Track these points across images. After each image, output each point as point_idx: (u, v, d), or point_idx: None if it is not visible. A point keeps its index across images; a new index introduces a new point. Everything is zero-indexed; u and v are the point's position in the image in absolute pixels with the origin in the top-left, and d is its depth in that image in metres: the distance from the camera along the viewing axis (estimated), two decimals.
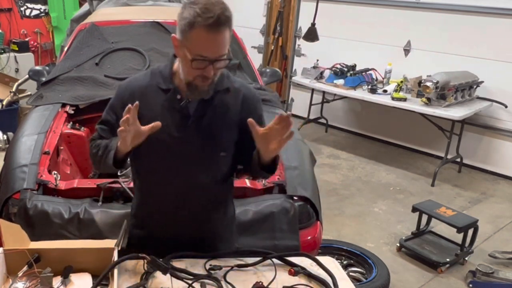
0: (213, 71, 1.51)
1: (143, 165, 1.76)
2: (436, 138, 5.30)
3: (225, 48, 1.50)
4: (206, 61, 1.48)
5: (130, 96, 1.64)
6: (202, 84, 1.55)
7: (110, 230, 2.18)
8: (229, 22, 1.48)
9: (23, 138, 2.73)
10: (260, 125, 1.66)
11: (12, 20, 6.76)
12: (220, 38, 1.47)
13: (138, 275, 1.61)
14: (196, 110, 1.64)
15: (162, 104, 1.64)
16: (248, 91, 1.73)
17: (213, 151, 1.68)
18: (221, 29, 1.46)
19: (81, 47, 3.69)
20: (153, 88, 1.65)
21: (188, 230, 1.76)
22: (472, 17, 5.05)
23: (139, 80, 1.70)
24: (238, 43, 4.12)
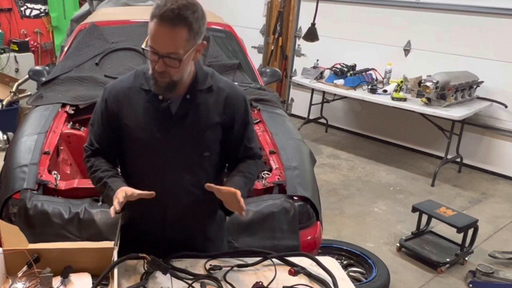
0: (164, 67, 1.50)
1: (129, 166, 1.77)
2: (436, 138, 5.30)
3: (174, 46, 1.48)
4: (155, 54, 1.49)
5: (114, 98, 1.67)
6: (160, 80, 1.55)
7: (110, 230, 2.18)
8: (183, 21, 1.46)
9: (23, 138, 2.73)
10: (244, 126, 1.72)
11: (12, 20, 6.76)
12: (168, 34, 1.46)
13: (138, 275, 1.61)
14: (178, 110, 1.64)
15: (144, 105, 1.64)
16: (232, 90, 1.71)
17: (196, 151, 1.68)
18: (170, 25, 1.45)
19: (81, 47, 3.69)
20: (136, 89, 1.66)
21: (177, 229, 1.75)
22: (472, 17, 5.05)
23: (123, 81, 1.71)
24: (238, 43, 4.12)
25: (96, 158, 1.74)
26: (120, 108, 1.66)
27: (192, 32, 1.49)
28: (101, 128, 1.71)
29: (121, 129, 1.68)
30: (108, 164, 1.72)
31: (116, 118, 1.67)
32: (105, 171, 1.69)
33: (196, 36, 1.52)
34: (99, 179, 1.68)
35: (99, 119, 1.71)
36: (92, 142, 1.74)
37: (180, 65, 1.51)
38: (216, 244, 1.85)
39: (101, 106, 1.70)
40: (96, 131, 1.73)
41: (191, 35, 1.49)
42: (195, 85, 1.64)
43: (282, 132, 3.00)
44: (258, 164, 1.82)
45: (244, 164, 1.76)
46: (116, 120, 1.67)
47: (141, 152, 1.69)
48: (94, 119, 1.74)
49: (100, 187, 1.69)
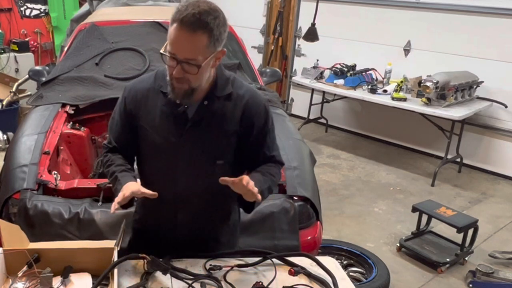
0: (182, 73, 1.48)
1: (143, 166, 1.77)
2: (436, 138, 5.30)
3: (194, 52, 1.45)
4: (173, 60, 1.47)
5: (132, 98, 1.67)
6: (177, 86, 1.52)
7: (110, 230, 2.18)
8: (204, 27, 1.43)
9: (23, 138, 2.73)
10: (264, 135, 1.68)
11: (12, 20, 6.75)
12: (188, 38, 1.43)
13: (138, 275, 1.61)
14: (194, 115, 1.61)
15: (161, 107, 1.63)
16: (252, 98, 1.66)
17: (209, 158, 1.65)
18: (190, 30, 1.42)
19: (81, 47, 3.68)
20: (155, 91, 1.65)
21: (188, 234, 1.75)
22: (472, 17, 5.05)
23: (143, 81, 1.71)
24: (238, 43, 4.12)
25: (113, 154, 1.74)
26: (137, 109, 1.66)
27: (213, 39, 1.46)
28: (119, 127, 1.72)
29: (137, 130, 1.68)
30: (123, 160, 1.73)
31: (133, 118, 1.67)
32: (118, 166, 1.69)
33: (216, 43, 1.47)
34: (112, 173, 1.68)
35: (118, 118, 1.72)
36: (110, 140, 1.75)
37: (198, 71, 1.47)
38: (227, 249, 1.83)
39: (120, 105, 1.71)
40: (115, 129, 1.73)
41: (211, 41, 1.46)
42: (213, 91, 1.61)
43: (282, 132, 3.00)
44: (279, 168, 1.77)
45: (264, 166, 1.72)
46: (133, 120, 1.68)
47: (154, 155, 1.68)
48: (114, 117, 1.74)
49: (111, 181, 1.69)
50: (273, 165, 1.74)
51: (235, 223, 1.89)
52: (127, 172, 1.67)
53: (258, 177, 1.63)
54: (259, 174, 1.66)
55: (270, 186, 1.68)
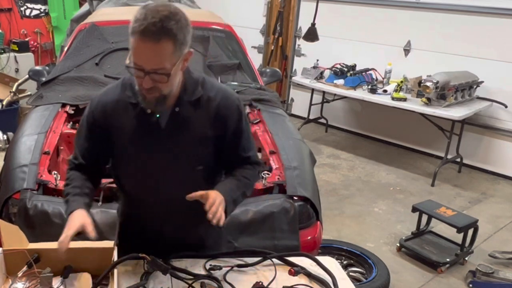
0: (151, 83, 1.42)
1: (122, 180, 1.73)
2: (436, 138, 5.30)
3: (161, 61, 1.39)
4: (140, 71, 1.41)
5: (101, 112, 1.60)
6: (148, 96, 1.47)
7: (110, 230, 2.18)
8: (167, 34, 1.36)
9: (23, 138, 2.73)
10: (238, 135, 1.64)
11: (12, 20, 6.76)
12: (153, 49, 1.37)
13: (138, 275, 1.61)
14: (167, 124, 1.56)
15: (133, 119, 1.57)
16: (224, 99, 1.60)
17: (188, 165, 1.62)
18: (154, 39, 1.35)
19: (81, 47, 3.69)
20: (124, 103, 1.58)
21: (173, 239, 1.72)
22: (472, 17, 5.05)
23: (110, 93, 1.63)
24: (238, 43, 4.12)
25: (76, 172, 1.67)
26: (108, 122, 1.59)
27: (178, 43, 1.39)
28: (87, 142, 1.65)
29: (109, 144, 1.62)
30: (82, 181, 1.65)
31: (105, 132, 1.60)
32: (74, 187, 1.62)
33: (182, 46, 1.41)
34: (66, 194, 1.62)
35: (86, 133, 1.64)
36: (76, 156, 1.67)
37: (168, 79, 1.42)
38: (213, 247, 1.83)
39: (88, 119, 1.63)
40: (83, 145, 1.66)
41: (176, 46, 1.39)
42: (183, 96, 1.55)
43: (282, 132, 3.00)
44: (255, 169, 1.73)
45: (240, 169, 1.69)
46: (104, 135, 1.61)
47: (132, 167, 1.64)
48: (80, 132, 1.67)
49: (65, 202, 1.63)
50: (249, 167, 1.71)
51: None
52: (80, 196, 1.60)
53: (231, 185, 1.63)
54: (234, 180, 1.65)
55: (245, 191, 1.67)
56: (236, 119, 1.62)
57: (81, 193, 1.61)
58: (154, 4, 1.40)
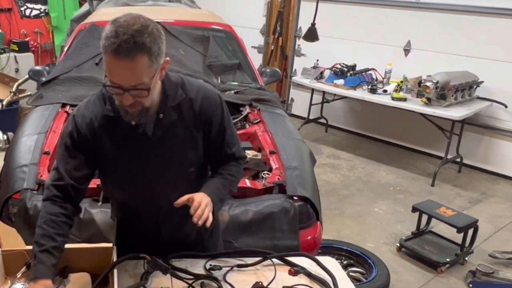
0: (132, 100, 1.39)
1: (115, 193, 1.72)
2: (436, 138, 5.30)
3: (139, 77, 1.35)
4: (119, 89, 1.38)
5: (88, 127, 1.54)
6: (130, 110, 1.44)
7: (110, 230, 2.18)
8: (141, 48, 1.32)
9: (23, 138, 2.73)
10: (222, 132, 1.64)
11: (12, 20, 6.76)
12: (129, 66, 1.33)
13: (138, 275, 1.61)
14: (154, 132, 1.54)
15: (119, 132, 1.54)
16: (206, 99, 1.58)
17: (180, 169, 1.61)
18: (129, 57, 1.31)
19: (81, 47, 3.69)
20: (108, 117, 1.53)
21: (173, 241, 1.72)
22: (472, 17, 5.05)
23: (92, 107, 1.56)
24: (238, 43, 4.12)
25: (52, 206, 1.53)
26: (95, 138, 1.54)
27: (153, 56, 1.36)
28: (74, 159, 1.55)
29: (97, 159, 1.58)
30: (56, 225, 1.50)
31: (91, 147, 1.55)
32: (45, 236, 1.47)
33: (158, 57, 1.38)
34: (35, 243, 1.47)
35: (71, 150, 1.55)
36: (61, 177, 1.54)
37: (148, 93, 1.40)
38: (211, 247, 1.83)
39: (73, 136, 1.54)
40: (68, 163, 1.55)
41: (152, 59, 1.36)
42: (166, 102, 1.52)
43: (282, 132, 3.00)
44: (240, 165, 1.75)
45: (225, 166, 1.70)
46: (91, 150, 1.56)
47: (124, 179, 1.62)
48: (63, 151, 1.56)
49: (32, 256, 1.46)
50: (234, 163, 1.72)
51: (216, 225, 1.85)
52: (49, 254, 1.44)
53: (217, 184, 1.64)
54: (220, 179, 1.67)
55: (231, 189, 1.70)
56: (219, 116, 1.62)
57: (51, 248, 1.45)
58: (123, 18, 1.36)
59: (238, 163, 1.74)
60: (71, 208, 1.57)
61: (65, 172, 1.54)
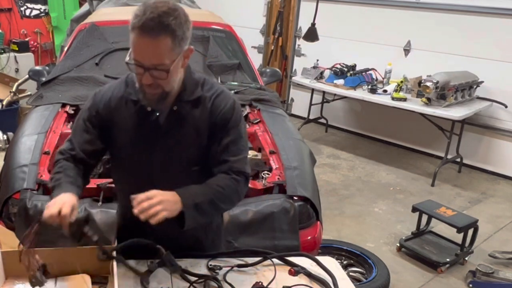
0: (151, 80, 1.42)
1: (119, 176, 1.73)
2: (436, 138, 5.30)
3: (160, 57, 1.39)
4: (140, 67, 1.42)
5: (105, 105, 1.60)
6: (149, 92, 1.47)
7: (110, 230, 2.18)
8: (165, 30, 1.36)
9: (23, 138, 2.73)
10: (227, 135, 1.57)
11: (12, 20, 6.76)
12: (152, 45, 1.38)
13: (138, 275, 1.61)
14: (164, 122, 1.56)
15: (133, 115, 1.58)
16: (219, 100, 1.58)
17: (183, 165, 1.60)
18: (152, 35, 1.36)
19: (81, 47, 3.69)
20: (126, 99, 1.59)
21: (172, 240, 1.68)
22: (472, 17, 5.05)
23: (115, 89, 1.63)
24: (238, 43, 4.12)
25: (69, 163, 1.60)
26: (111, 117, 1.60)
27: (177, 39, 1.39)
28: (87, 133, 1.61)
29: (107, 138, 1.61)
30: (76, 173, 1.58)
31: (105, 126, 1.60)
32: (68, 176, 1.55)
33: (181, 42, 1.41)
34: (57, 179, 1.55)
35: (87, 124, 1.61)
36: (73, 148, 1.61)
37: (168, 76, 1.42)
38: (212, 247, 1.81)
39: (91, 111, 1.61)
40: (82, 137, 1.62)
41: (175, 42, 1.40)
42: (182, 96, 1.55)
43: (282, 132, 3.00)
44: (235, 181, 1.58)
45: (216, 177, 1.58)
46: (104, 128, 1.60)
47: (128, 164, 1.63)
48: (79, 124, 1.64)
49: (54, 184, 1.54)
50: (228, 177, 1.58)
51: (219, 225, 1.84)
52: (72, 185, 1.52)
53: (196, 190, 1.52)
54: (202, 186, 1.55)
55: (213, 199, 1.53)
56: (228, 120, 1.58)
57: (74, 183, 1.54)
58: (153, 1, 1.41)
59: (232, 178, 1.58)
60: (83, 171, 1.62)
61: (77, 145, 1.61)
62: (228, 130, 1.58)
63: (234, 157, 1.59)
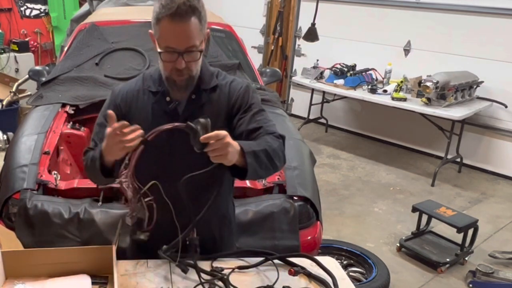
0: (184, 64, 1.51)
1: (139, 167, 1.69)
2: (436, 138, 5.30)
3: (192, 38, 1.49)
4: (175, 53, 1.50)
5: (123, 100, 1.67)
6: (179, 79, 1.55)
7: (110, 230, 2.18)
8: (194, 12, 1.48)
9: (23, 138, 2.73)
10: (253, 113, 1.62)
11: (12, 20, 6.76)
12: (185, 28, 1.47)
13: (138, 275, 1.61)
14: (184, 111, 1.62)
15: (152, 106, 1.64)
16: (233, 84, 1.67)
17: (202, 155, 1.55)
18: (184, 19, 1.46)
19: (81, 47, 3.69)
20: (145, 92, 1.66)
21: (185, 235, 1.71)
22: (472, 17, 5.05)
23: (131, 85, 1.71)
24: (238, 43, 4.12)
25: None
26: (128, 109, 1.66)
27: (202, 20, 1.51)
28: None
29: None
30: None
31: (124, 118, 1.59)
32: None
33: (204, 24, 1.53)
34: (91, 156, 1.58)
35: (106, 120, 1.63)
36: (96, 144, 1.64)
37: (200, 56, 1.53)
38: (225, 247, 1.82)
39: (109, 107, 1.65)
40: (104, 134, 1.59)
41: (202, 23, 1.51)
42: (200, 85, 1.63)
43: (282, 132, 2.98)
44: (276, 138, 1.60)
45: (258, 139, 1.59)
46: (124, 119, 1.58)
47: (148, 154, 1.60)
48: (100, 122, 1.68)
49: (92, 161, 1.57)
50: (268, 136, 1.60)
51: (232, 223, 1.87)
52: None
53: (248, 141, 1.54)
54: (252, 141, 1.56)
55: (268, 151, 1.53)
56: (248, 97, 1.65)
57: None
58: None
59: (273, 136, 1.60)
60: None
61: (99, 141, 1.61)
62: (250, 106, 1.64)
63: (265, 124, 1.63)
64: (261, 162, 1.51)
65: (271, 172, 1.62)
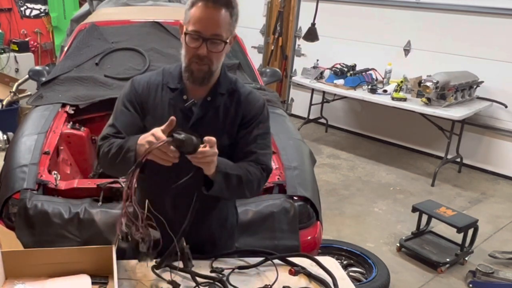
0: (206, 51, 1.52)
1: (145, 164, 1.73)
2: (436, 138, 5.30)
3: (220, 27, 1.51)
4: (199, 39, 1.51)
5: (143, 89, 1.68)
6: (197, 68, 1.56)
7: (110, 230, 2.18)
8: (228, 4, 1.51)
9: (23, 138, 2.73)
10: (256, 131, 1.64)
11: (12, 20, 6.76)
12: (215, 15, 1.50)
13: (138, 275, 1.61)
14: (198, 111, 1.64)
15: (169, 102, 1.65)
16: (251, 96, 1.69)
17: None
18: (217, 6, 1.50)
19: (81, 47, 3.69)
20: (163, 87, 1.67)
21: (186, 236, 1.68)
22: (472, 17, 5.05)
23: (152, 76, 1.72)
24: (238, 43, 4.12)
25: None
26: (147, 100, 1.67)
27: (234, 17, 1.55)
28: (129, 116, 1.66)
29: (143, 121, 1.66)
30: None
31: (142, 109, 1.66)
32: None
33: (235, 23, 1.56)
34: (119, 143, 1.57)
35: (128, 108, 1.66)
36: (117, 131, 1.64)
37: (224, 48, 1.54)
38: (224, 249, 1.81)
39: (130, 95, 1.68)
40: (124, 120, 1.65)
41: (233, 19, 1.55)
42: (217, 88, 1.65)
43: (282, 132, 3.00)
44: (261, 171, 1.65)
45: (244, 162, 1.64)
46: (142, 110, 1.67)
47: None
48: (120, 109, 1.68)
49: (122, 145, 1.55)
50: (254, 164, 1.65)
51: (233, 227, 1.87)
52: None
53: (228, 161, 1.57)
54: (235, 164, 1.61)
55: (241, 178, 1.58)
56: (259, 117, 1.68)
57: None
58: None
59: (258, 168, 1.65)
60: None
61: (121, 127, 1.65)
62: (259, 123, 1.68)
63: (261, 150, 1.68)
64: (229, 185, 1.56)
65: (237, 197, 1.75)
